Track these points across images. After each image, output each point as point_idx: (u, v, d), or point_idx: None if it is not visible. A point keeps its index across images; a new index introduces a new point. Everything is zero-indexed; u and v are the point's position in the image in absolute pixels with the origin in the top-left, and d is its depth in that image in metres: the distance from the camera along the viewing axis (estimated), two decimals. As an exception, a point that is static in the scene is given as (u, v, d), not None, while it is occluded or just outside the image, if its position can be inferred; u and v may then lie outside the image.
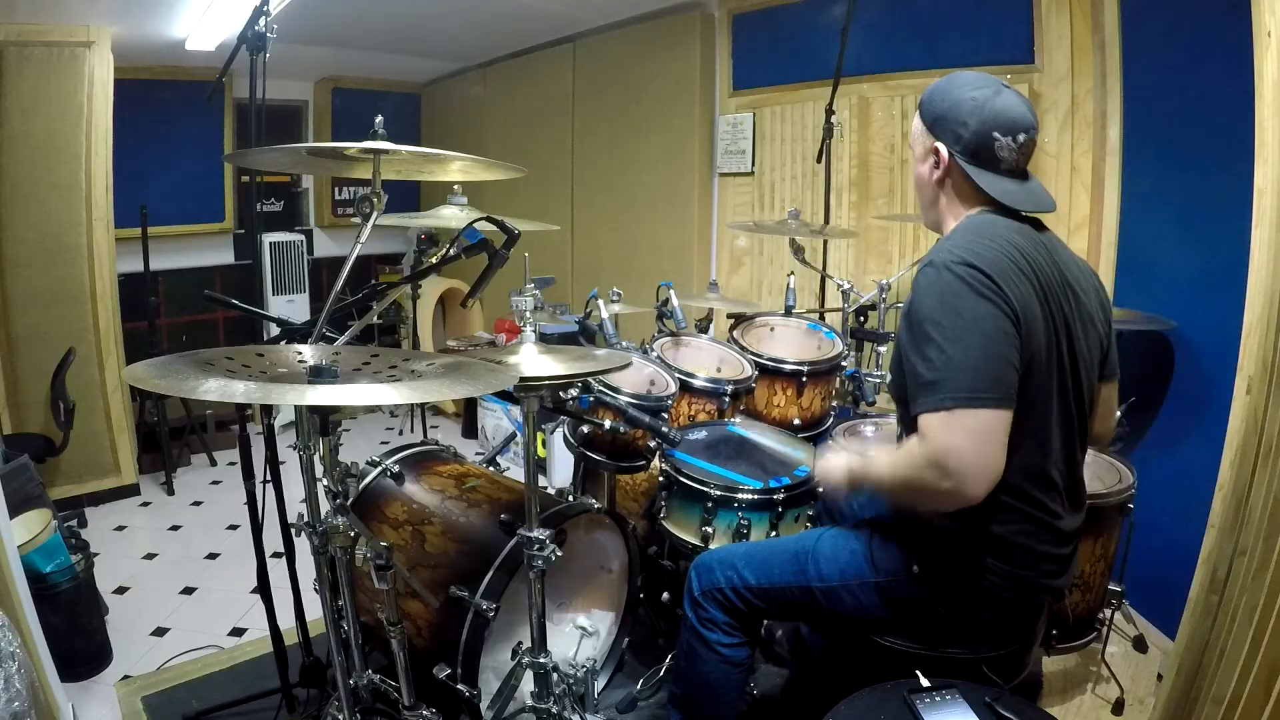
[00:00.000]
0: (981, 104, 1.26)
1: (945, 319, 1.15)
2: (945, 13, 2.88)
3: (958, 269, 1.16)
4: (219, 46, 3.75)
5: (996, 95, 1.26)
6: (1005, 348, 1.14)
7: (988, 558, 1.25)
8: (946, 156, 1.29)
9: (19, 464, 2.52)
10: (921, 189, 1.38)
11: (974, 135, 1.26)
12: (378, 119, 1.40)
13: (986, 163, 1.28)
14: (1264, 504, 1.35)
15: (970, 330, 1.13)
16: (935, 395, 1.13)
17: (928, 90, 1.34)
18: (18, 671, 1.45)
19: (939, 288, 1.17)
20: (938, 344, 1.14)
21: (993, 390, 1.11)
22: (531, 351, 1.63)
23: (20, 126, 3.15)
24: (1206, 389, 2.22)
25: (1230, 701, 1.34)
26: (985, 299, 1.15)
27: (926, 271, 1.20)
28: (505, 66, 4.84)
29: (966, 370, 1.12)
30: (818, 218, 3.18)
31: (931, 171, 1.33)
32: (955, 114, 1.28)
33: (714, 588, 1.50)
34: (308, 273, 4.85)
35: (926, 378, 1.15)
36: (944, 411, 1.12)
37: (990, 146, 1.27)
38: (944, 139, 1.29)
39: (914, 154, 1.37)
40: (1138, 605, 2.32)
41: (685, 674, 1.58)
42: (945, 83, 1.32)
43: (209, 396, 0.94)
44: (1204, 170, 2.20)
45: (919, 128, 1.34)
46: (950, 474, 1.11)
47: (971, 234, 1.24)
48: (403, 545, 1.88)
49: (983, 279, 1.15)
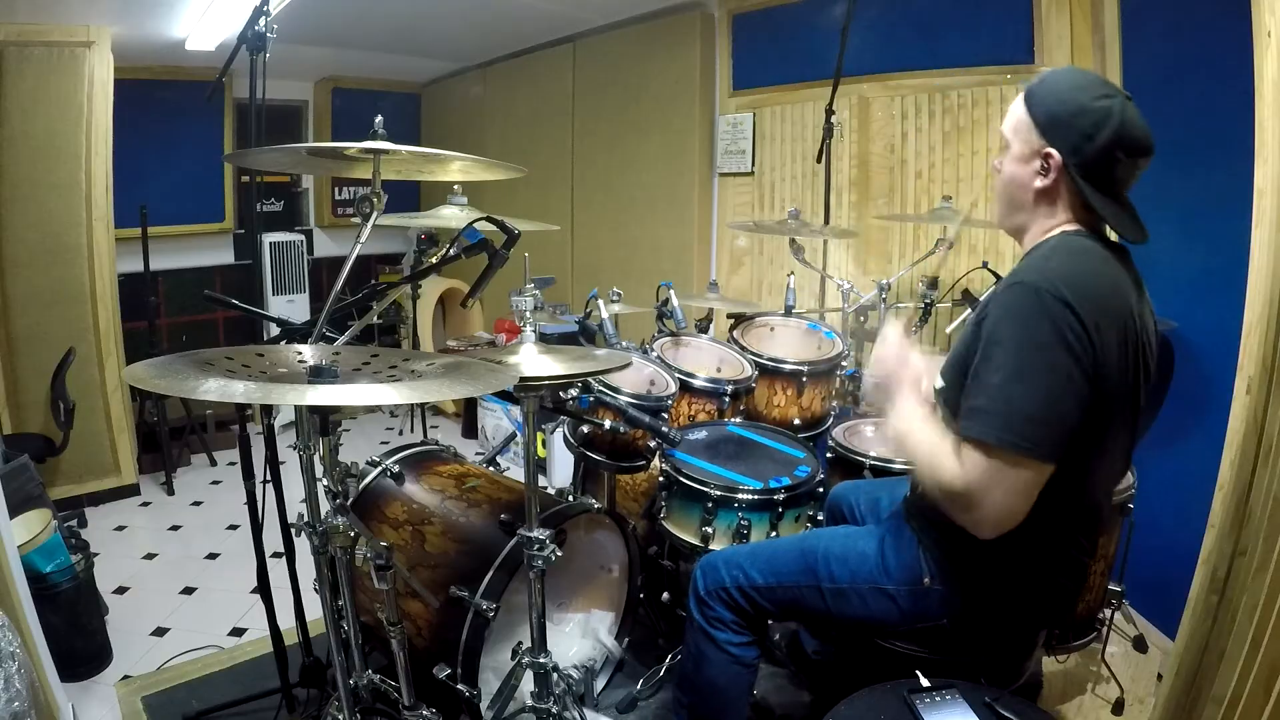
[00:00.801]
0: (1111, 116, 1.13)
1: (1022, 351, 1.08)
2: (945, 13, 2.88)
3: (1051, 304, 1.07)
4: (219, 46, 3.75)
5: (1124, 109, 1.14)
6: (1069, 402, 1.08)
7: (1005, 584, 1.25)
8: (1059, 165, 1.17)
9: (19, 464, 2.52)
10: (1015, 191, 1.24)
11: (1098, 151, 1.14)
12: (378, 119, 1.40)
13: (1101, 181, 1.17)
14: (1264, 504, 1.35)
15: (1042, 373, 1.07)
16: (984, 427, 1.09)
17: (1044, 80, 1.20)
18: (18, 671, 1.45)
19: (1022, 312, 1.09)
20: (1004, 373, 1.09)
21: (1042, 443, 1.07)
22: (531, 352, 1.63)
23: (20, 126, 3.14)
24: (1206, 389, 2.22)
25: (1230, 701, 1.34)
26: (1068, 348, 1.07)
27: (1016, 290, 1.11)
28: (505, 66, 4.84)
29: (1019, 415, 1.07)
30: (818, 218, 3.17)
31: (1035, 176, 1.20)
32: (1080, 121, 1.14)
33: (719, 587, 1.48)
34: (308, 273, 4.84)
35: (980, 405, 1.10)
36: (987, 448, 1.08)
37: (1111, 166, 1.15)
38: (1060, 146, 1.16)
39: (1010, 148, 1.23)
40: (1138, 605, 2.32)
41: (693, 679, 1.54)
42: (1065, 78, 1.20)
43: (209, 396, 0.94)
44: (1204, 170, 2.20)
45: (1027, 123, 1.19)
46: (970, 510, 1.11)
47: (1072, 259, 1.15)
48: (403, 545, 1.88)
49: (1074, 324, 1.07)
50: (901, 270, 2.93)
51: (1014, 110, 1.23)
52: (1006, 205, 1.27)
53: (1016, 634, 1.31)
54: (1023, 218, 1.25)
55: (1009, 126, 1.24)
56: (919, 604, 1.31)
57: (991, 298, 1.18)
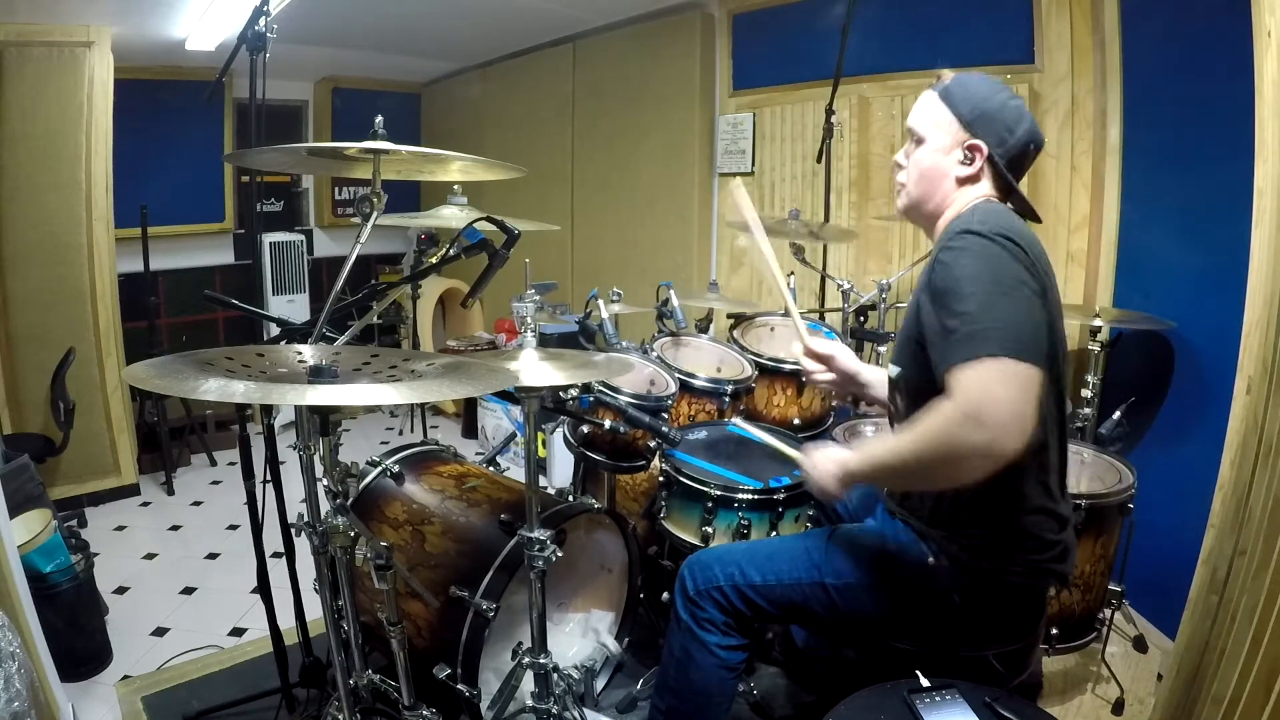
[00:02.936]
0: (1023, 115, 1.28)
1: (987, 277, 1.13)
2: (945, 13, 2.88)
3: (1001, 241, 1.16)
4: (219, 46, 3.75)
5: (1025, 108, 1.29)
6: (1041, 314, 1.15)
7: (1004, 546, 1.26)
8: (985, 155, 1.28)
9: (19, 464, 2.52)
10: (929, 179, 1.33)
11: (1018, 143, 1.28)
12: (378, 119, 1.40)
13: (1015, 170, 1.30)
14: (1264, 504, 1.35)
15: (1013, 290, 1.13)
16: (972, 346, 1.08)
17: (959, 83, 1.31)
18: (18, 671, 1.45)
19: (979, 250, 1.16)
20: (979, 299, 1.11)
21: (1032, 349, 1.09)
22: (531, 358, 1.62)
23: (20, 126, 3.15)
24: (1206, 389, 2.22)
25: (1230, 701, 1.34)
26: (1026, 269, 1.15)
27: (965, 238, 1.18)
28: (505, 66, 4.84)
29: (1010, 326, 1.09)
30: (818, 218, 3.17)
31: (957, 165, 1.30)
32: (1003, 116, 1.27)
33: (712, 586, 1.44)
34: (308, 273, 4.84)
35: (962, 331, 1.10)
36: (983, 360, 1.07)
37: (1025, 157, 1.30)
38: (987, 139, 1.28)
39: (928, 141, 1.32)
40: (1138, 605, 2.32)
41: (676, 683, 1.49)
42: (981, 81, 1.31)
43: (209, 396, 0.94)
44: (1204, 170, 2.20)
45: (950, 118, 1.30)
46: (986, 424, 1.04)
47: (1001, 215, 1.24)
48: (403, 545, 1.88)
49: (1023, 254, 1.16)
50: (901, 270, 2.93)
51: (929, 108, 1.33)
52: (920, 193, 1.35)
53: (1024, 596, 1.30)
54: (937, 202, 1.34)
55: (926, 122, 1.33)
56: (929, 586, 1.31)
57: (933, 264, 1.22)
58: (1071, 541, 1.32)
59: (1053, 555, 1.28)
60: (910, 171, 1.36)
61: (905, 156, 1.38)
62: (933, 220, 1.35)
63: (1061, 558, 1.29)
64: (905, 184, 1.37)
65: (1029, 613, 1.33)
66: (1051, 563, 1.28)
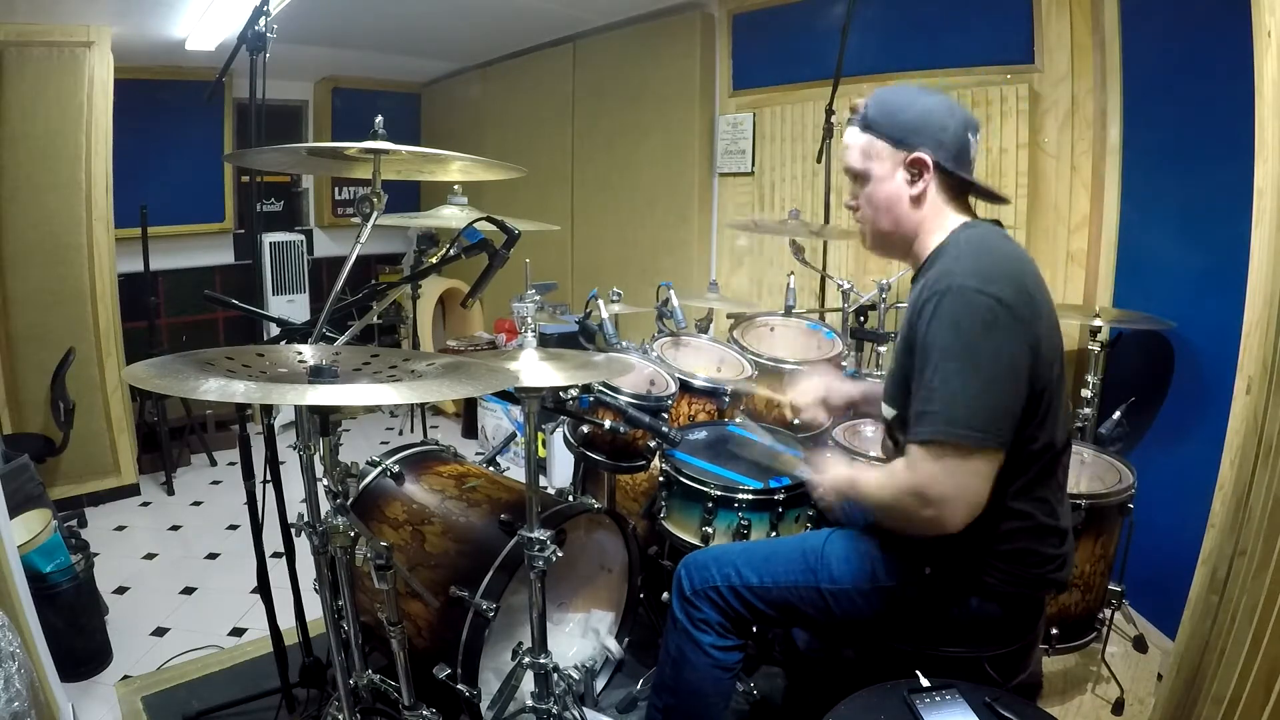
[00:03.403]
0: (949, 106, 1.26)
1: (959, 349, 1.13)
2: (945, 13, 2.88)
3: (973, 298, 1.13)
4: (219, 46, 3.75)
5: (946, 97, 1.28)
6: (1011, 386, 1.14)
7: (999, 560, 1.25)
8: (929, 164, 1.26)
9: (19, 464, 2.52)
10: (889, 210, 1.30)
11: (954, 137, 1.25)
12: (378, 119, 1.40)
13: (963, 163, 1.27)
14: (1264, 504, 1.34)
15: (987, 363, 1.13)
16: (931, 426, 1.13)
17: (875, 105, 1.29)
18: (18, 671, 1.45)
19: (957, 313, 1.14)
20: (945, 373, 1.13)
21: (987, 431, 1.12)
22: (531, 358, 1.63)
23: (20, 126, 3.14)
24: (1206, 389, 2.22)
25: (1230, 701, 1.34)
26: (1005, 333, 1.13)
27: (947, 295, 1.15)
28: (505, 66, 4.84)
29: (973, 409, 1.11)
30: (818, 218, 3.17)
31: (907, 186, 1.28)
32: (930, 119, 1.25)
33: (709, 586, 1.45)
34: (308, 273, 4.84)
35: (924, 408, 1.15)
36: (938, 445, 1.13)
37: (967, 146, 1.27)
38: (924, 147, 1.25)
39: (870, 175, 1.31)
40: (1138, 605, 2.32)
41: (672, 682, 1.50)
42: (894, 94, 1.31)
43: (209, 396, 0.94)
44: (1204, 170, 2.20)
45: (878, 145, 1.28)
46: (932, 504, 1.14)
47: (980, 253, 1.21)
48: (403, 545, 1.88)
49: (1004, 312, 1.13)
50: (901, 270, 2.92)
51: (854, 142, 1.32)
52: (890, 225, 1.32)
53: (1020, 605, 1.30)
54: (908, 229, 1.31)
55: (857, 157, 1.32)
56: (923, 594, 1.31)
57: (915, 313, 1.22)
58: (1071, 551, 1.32)
59: (1052, 567, 1.28)
60: (865, 210, 1.35)
61: (853, 199, 1.37)
62: (906, 247, 1.34)
63: (1060, 567, 1.30)
64: (866, 222, 1.36)
65: (1026, 618, 1.33)
66: (1051, 573, 1.28)
